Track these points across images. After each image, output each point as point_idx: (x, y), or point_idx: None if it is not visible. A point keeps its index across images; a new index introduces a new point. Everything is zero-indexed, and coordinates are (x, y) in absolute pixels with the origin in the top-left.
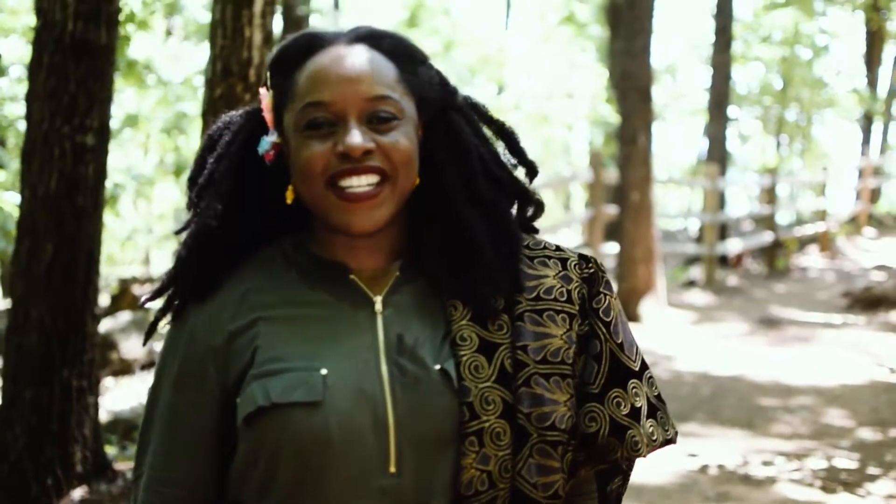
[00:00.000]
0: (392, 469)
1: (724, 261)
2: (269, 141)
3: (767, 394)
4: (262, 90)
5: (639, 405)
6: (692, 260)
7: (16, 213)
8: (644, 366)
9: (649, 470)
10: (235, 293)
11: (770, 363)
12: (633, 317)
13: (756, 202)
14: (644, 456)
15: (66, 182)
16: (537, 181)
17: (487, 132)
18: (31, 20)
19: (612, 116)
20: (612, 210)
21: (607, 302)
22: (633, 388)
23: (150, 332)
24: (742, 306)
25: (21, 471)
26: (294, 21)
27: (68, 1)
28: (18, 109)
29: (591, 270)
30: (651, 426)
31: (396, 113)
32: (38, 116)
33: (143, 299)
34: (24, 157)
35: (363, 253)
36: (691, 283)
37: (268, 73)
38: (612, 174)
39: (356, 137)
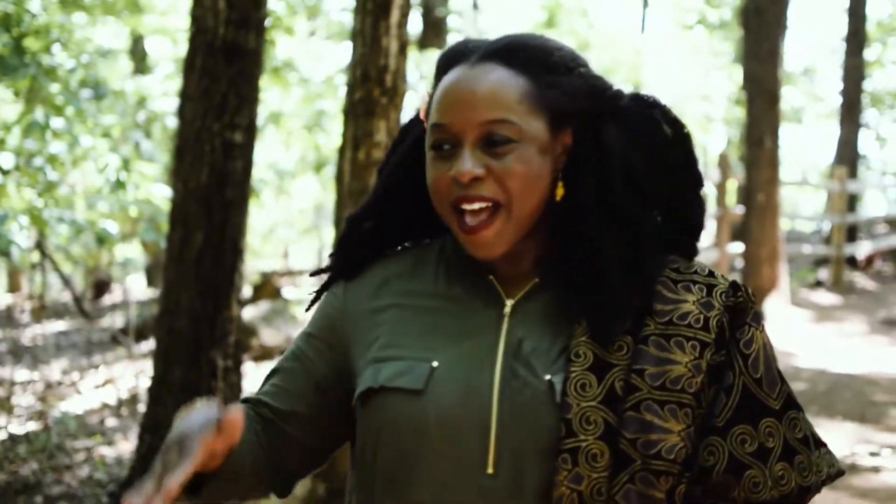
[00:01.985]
0: (490, 470)
1: (853, 262)
2: None
3: (882, 390)
4: (425, 93)
5: (770, 446)
6: (821, 261)
7: (165, 205)
8: (789, 406)
9: None
10: (379, 276)
11: (888, 362)
12: None
13: (894, 205)
14: (767, 499)
15: (216, 176)
16: None
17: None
18: (177, 21)
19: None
20: (740, 211)
21: (751, 334)
22: (767, 427)
23: (311, 304)
24: (867, 307)
25: None
26: (433, 23)
27: (220, 8)
28: (165, 105)
29: (740, 300)
30: (782, 470)
31: (512, 135)
32: (190, 115)
33: (311, 272)
34: (178, 152)
35: (505, 257)
36: (818, 284)
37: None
38: (741, 175)
39: (465, 164)
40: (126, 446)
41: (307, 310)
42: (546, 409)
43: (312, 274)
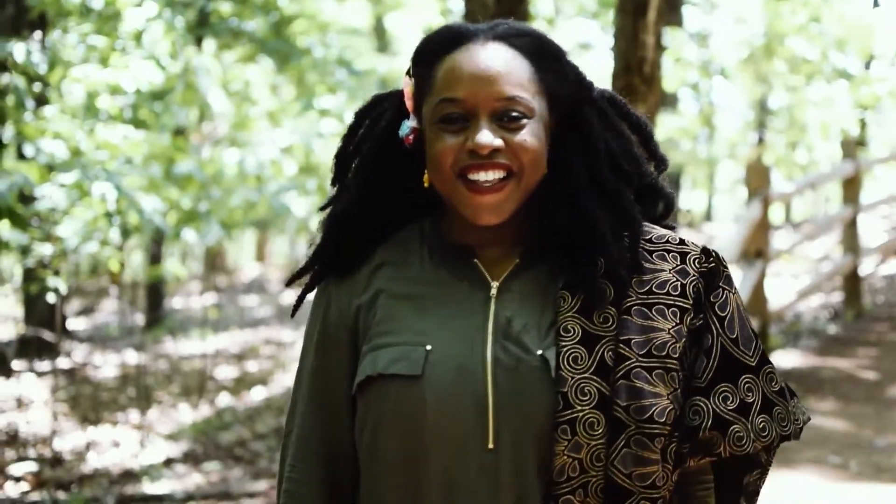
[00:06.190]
0: (490, 445)
1: None
2: (409, 125)
3: None
4: (405, 77)
5: (750, 400)
6: None
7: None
8: (764, 361)
9: None
10: (369, 267)
11: None
12: None
13: None
14: (751, 452)
15: None
16: None
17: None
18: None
19: None
20: None
21: (724, 297)
22: (746, 383)
23: (296, 306)
24: None
25: None
26: (674, 5)
27: (488, 3)
28: None
29: (712, 265)
30: (763, 422)
31: (526, 112)
32: None
33: (287, 280)
34: None
35: (489, 238)
36: None
37: (411, 62)
38: None
39: (485, 136)
40: None
41: (295, 308)
42: (541, 384)
43: (290, 281)
